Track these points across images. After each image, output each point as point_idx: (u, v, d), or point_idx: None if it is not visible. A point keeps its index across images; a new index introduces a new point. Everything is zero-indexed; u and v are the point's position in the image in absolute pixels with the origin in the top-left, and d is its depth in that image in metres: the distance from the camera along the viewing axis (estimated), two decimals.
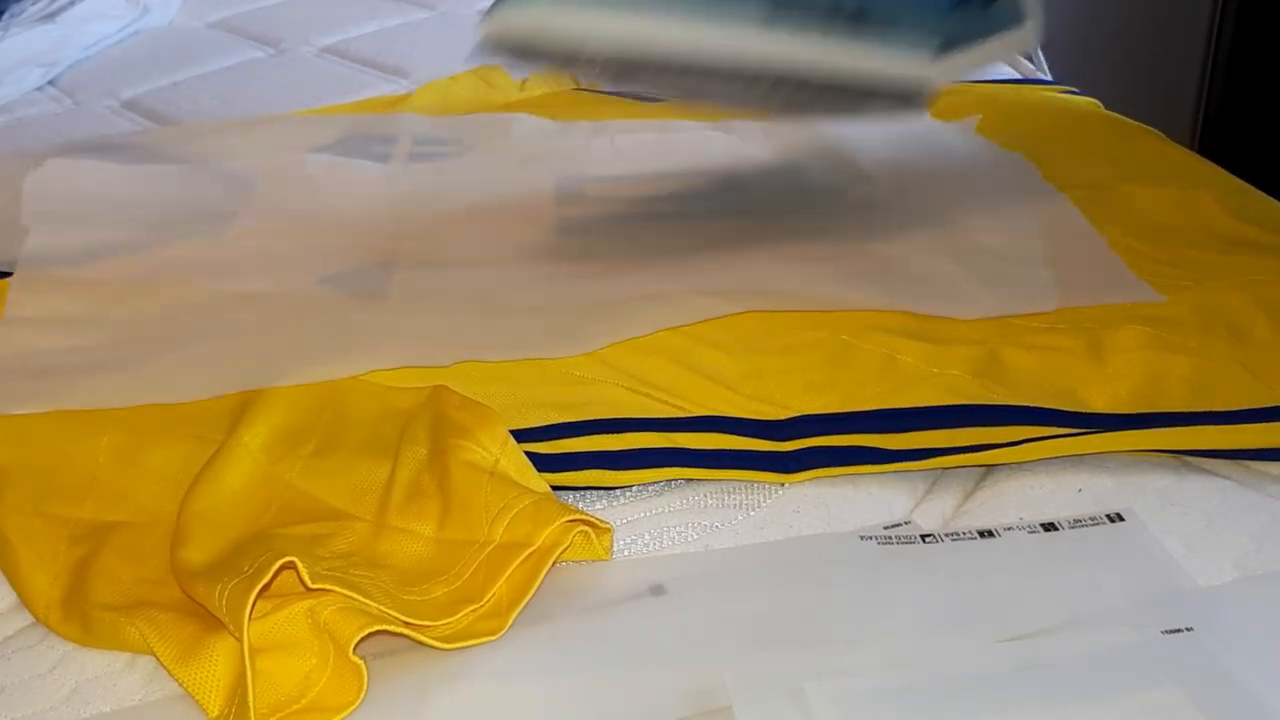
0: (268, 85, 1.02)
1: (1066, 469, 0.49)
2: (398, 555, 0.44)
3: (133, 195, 0.74)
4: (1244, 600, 0.42)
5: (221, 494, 0.46)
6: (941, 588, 0.43)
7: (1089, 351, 0.54)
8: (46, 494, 0.49)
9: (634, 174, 0.76)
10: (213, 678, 0.39)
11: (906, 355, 0.54)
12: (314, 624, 0.40)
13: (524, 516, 0.43)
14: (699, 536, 0.46)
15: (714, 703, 0.38)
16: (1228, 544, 0.44)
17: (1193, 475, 0.48)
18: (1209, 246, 0.62)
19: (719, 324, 0.58)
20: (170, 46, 1.16)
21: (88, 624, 0.42)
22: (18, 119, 0.98)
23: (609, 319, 0.58)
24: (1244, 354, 0.53)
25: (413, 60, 1.07)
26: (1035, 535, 0.45)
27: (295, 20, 1.21)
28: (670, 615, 0.42)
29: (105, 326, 0.61)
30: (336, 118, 0.88)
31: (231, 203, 0.74)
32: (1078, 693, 0.37)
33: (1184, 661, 0.38)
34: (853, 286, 0.59)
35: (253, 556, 0.40)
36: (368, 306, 0.62)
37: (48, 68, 1.08)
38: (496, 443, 0.47)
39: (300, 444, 0.50)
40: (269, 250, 0.69)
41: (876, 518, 0.47)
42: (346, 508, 0.47)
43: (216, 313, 0.62)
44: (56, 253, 0.68)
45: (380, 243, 0.69)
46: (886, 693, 0.38)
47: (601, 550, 0.45)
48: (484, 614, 0.42)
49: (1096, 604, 0.42)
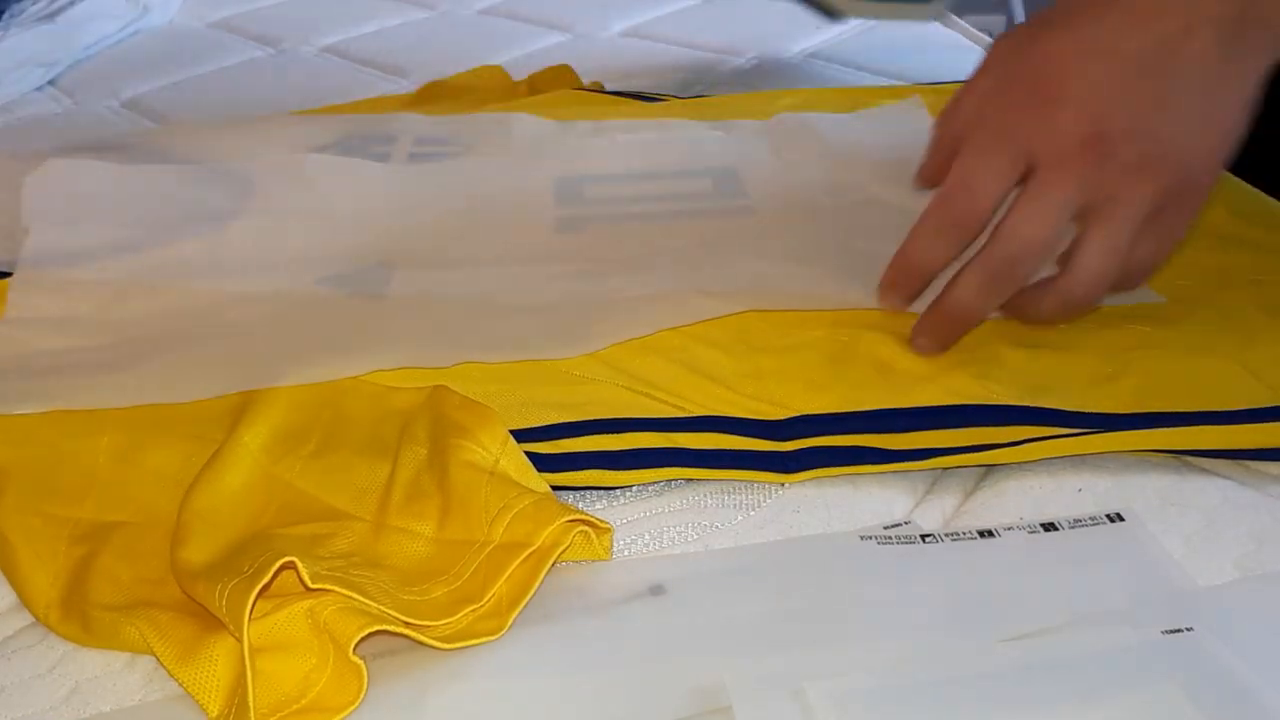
0: (268, 85, 1.03)
1: (1066, 469, 0.49)
2: (398, 555, 0.44)
3: (133, 195, 0.74)
4: (1244, 600, 0.42)
5: (221, 494, 0.46)
6: (941, 588, 0.43)
7: (1089, 351, 0.54)
8: (46, 494, 0.49)
9: (634, 174, 0.76)
10: (213, 678, 0.39)
11: (906, 356, 0.54)
12: (314, 624, 0.40)
13: (524, 516, 0.43)
14: (699, 536, 0.46)
15: (714, 703, 0.38)
16: (1228, 544, 0.44)
17: (1193, 475, 0.48)
18: (1209, 246, 0.62)
19: (719, 324, 0.58)
20: (170, 46, 1.16)
21: (87, 624, 0.42)
22: (18, 119, 0.98)
23: (609, 319, 0.58)
24: (1244, 354, 0.53)
25: (413, 60, 1.07)
26: (1035, 535, 0.45)
27: (295, 20, 1.21)
28: (670, 615, 0.42)
29: (105, 326, 0.61)
30: (336, 118, 0.88)
31: (231, 203, 0.74)
32: (1078, 693, 0.37)
33: (1184, 661, 0.38)
34: (853, 286, 0.59)
35: (253, 556, 0.40)
36: (368, 306, 0.62)
37: (48, 68, 1.07)
38: (496, 443, 0.47)
39: (300, 444, 0.50)
40: (269, 250, 0.68)
41: (876, 518, 0.47)
42: (346, 508, 0.47)
43: (216, 313, 0.62)
44: (56, 253, 0.68)
45: (380, 243, 0.69)
46: (886, 693, 0.38)
47: (601, 550, 0.45)
48: (484, 614, 0.42)
49: (1096, 604, 0.42)
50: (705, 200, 0.73)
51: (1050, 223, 0.49)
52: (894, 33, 1.11)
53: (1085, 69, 0.48)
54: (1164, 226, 0.50)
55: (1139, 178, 0.48)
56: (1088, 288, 0.51)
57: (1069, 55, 0.48)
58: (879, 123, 0.82)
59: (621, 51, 1.09)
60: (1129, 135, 0.47)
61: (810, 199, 0.72)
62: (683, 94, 0.93)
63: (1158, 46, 0.48)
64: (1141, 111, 0.47)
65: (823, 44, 1.09)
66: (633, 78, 0.98)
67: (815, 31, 1.11)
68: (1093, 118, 0.47)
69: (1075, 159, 0.48)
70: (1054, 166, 0.48)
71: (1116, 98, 0.47)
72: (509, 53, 1.08)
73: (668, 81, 0.98)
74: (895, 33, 1.11)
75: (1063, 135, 0.48)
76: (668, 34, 1.13)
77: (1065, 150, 0.48)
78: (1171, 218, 0.50)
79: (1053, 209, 0.49)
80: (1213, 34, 0.48)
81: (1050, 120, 0.48)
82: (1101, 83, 0.47)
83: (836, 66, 1.02)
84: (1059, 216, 0.49)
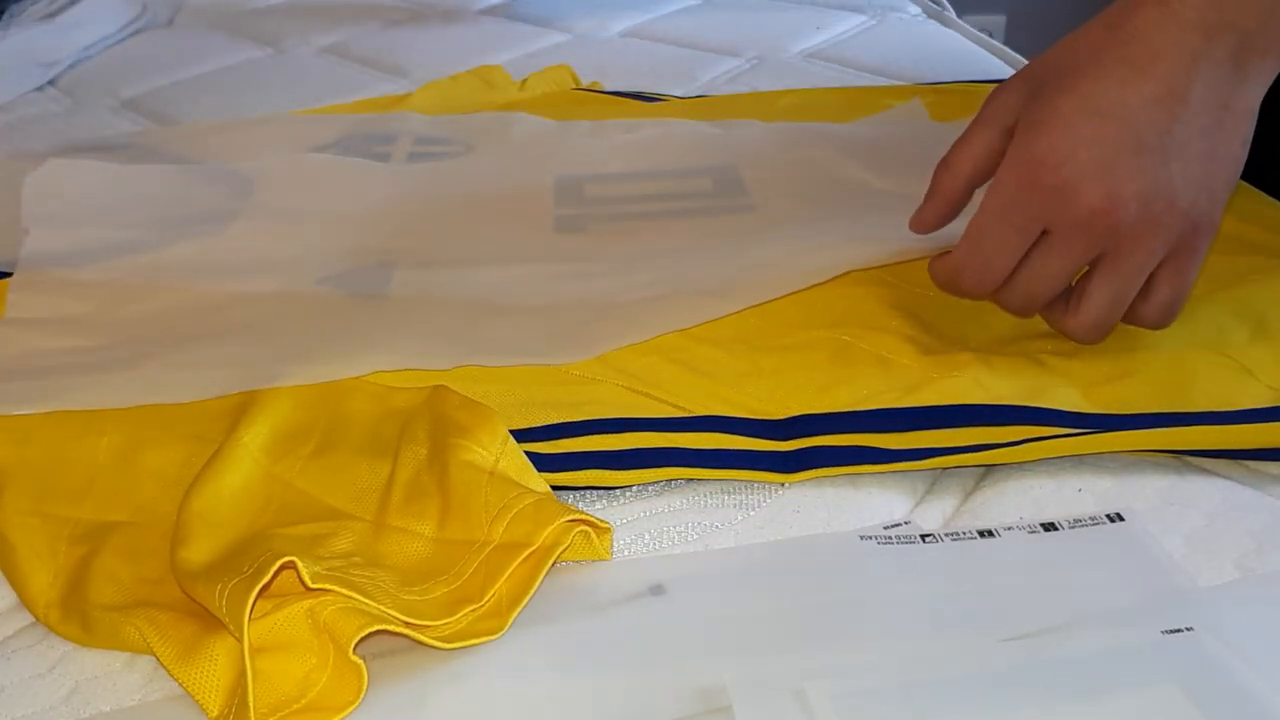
0: (268, 85, 1.02)
1: (1066, 469, 0.49)
2: (398, 555, 0.44)
3: (132, 195, 0.74)
4: (1244, 600, 0.42)
5: (221, 494, 0.46)
6: (941, 588, 0.43)
7: (1089, 352, 0.54)
8: (46, 494, 0.49)
9: (634, 173, 0.76)
10: (213, 678, 0.39)
11: (907, 356, 0.54)
12: (314, 624, 0.40)
13: (524, 516, 0.43)
14: (699, 536, 0.46)
15: (714, 703, 0.38)
16: (1228, 544, 0.44)
17: (1193, 475, 0.48)
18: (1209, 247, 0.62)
19: (719, 323, 0.58)
20: (170, 46, 1.16)
21: (87, 624, 0.42)
22: (18, 119, 0.98)
23: (609, 324, 0.58)
24: (1244, 354, 0.53)
25: (413, 60, 1.07)
26: (1035, 535, 0.45)
27: (295, 20, 1.21)
28: (670, 615, 0.42)
29: (105, 327, 0.61)
30: (336, 118, 0.88)
31: (231, 203, 0.74)
32: (1078, 693, 0.37)
33: (1184, 661, 0.38)
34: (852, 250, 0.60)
35: (253, 556, 0.40)
36: (368, 306, 0.62)
37: (48, 68, 1.08)
38: (496, 443, 0.47)
39: (300, 444, 0.50)
40: (269, 250, 0.69)
41: (876, 518, 0.47)
42: (346, 508, 0.47)
43: (216, 313, 0.62)
44: (56, 253, 0.68)
45: (380, 243, 0.69)
46: (887, 693, 0.38)
47: (601, 550, 0.45)
48: (484, 614, 0.42)
49: (1096, 604, 0.42)
50: (705, 199, 0.73)
51: (1059, 283, 0.52)
52: (894, 33, 1.11)
53: (1093, 135, 0.48)
54: (1177, 269, 0.51)
55: (1150, 234, 0.49)
56: (1089, 331, 0.52)
57: (1075, 117, 0.48)
58: (880, 124, 0.82)
59: (621, 51, 1.09)
60: (1139, 197, 0.48)
61: (811, 195, 0.72)
62: (683, 94, 0.93)
63: (1161, 98, 0.48)
64: (1150, 173, 0.48)
65: (823, 44, 1.09)
66: (633, 78, 0.98)
67: (815, 31, 1.11)
68: (1105, 190, 0.48)
69: (1087, 227, 0.49)
70: (1067, 236, 0.50)
71: (1125, 163, 0.48)
72: (509, 53, 1.08)
73: (668, 81, 0.98)
74: (895, 33, 1.11)
75: (1076, 208, 0.49)
76: (668, 34, 1.13)
77: (1078, 220, 0.49)
78: (1183, 260, 0.51)
79: (1063, 273, 0.51)
80: (1213, 73, 0.48)
81: (1062, 195, 0.48)
82: (1109, 148, 0.48)
83: (836, 67, 1.02)
84: (1068, 276, 0.51)
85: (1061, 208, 0.49)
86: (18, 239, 0.69)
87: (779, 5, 1.20)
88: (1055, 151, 0.48)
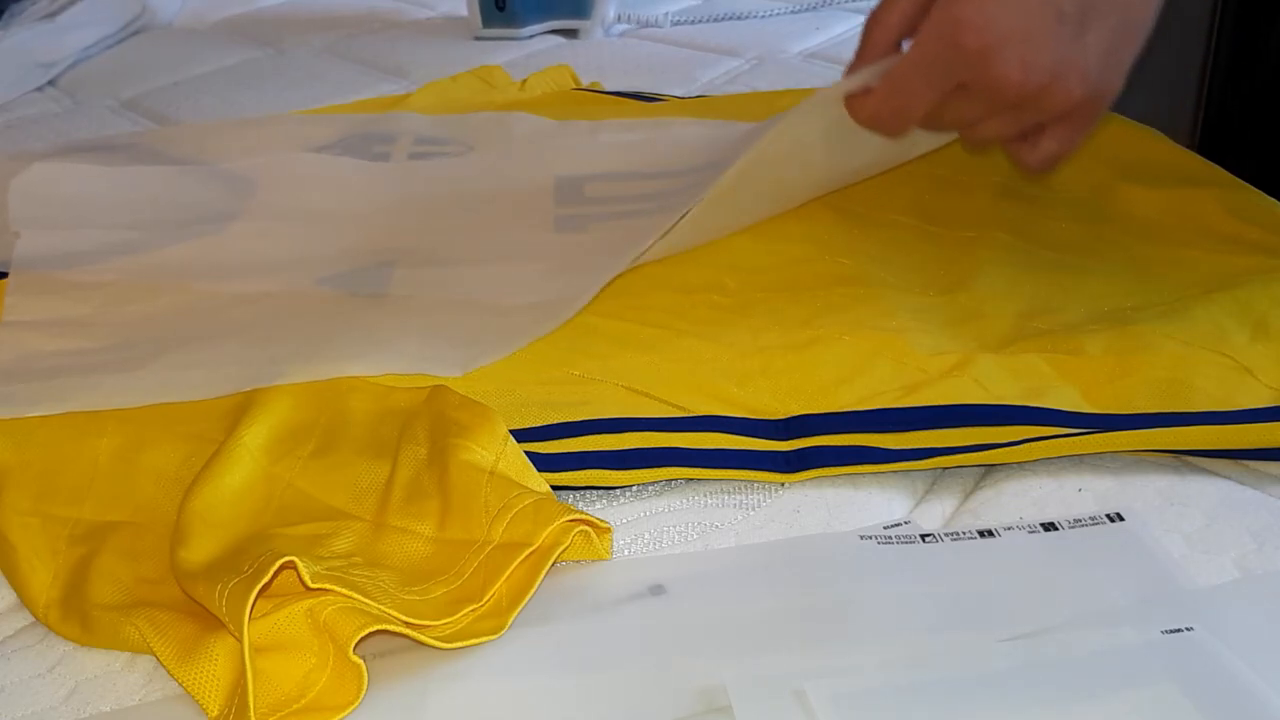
0: (268, 85, 1.03)
1: (1066, 469, 0.49)
2: (398, 555, 0.44)
3: (132, 195, 0.74)
4: (1244, 600, 0.42)
5: (221, 494, 0.46)
6: (941, 588, 0.43)
7: (1090, 352, 0.54)
8: (46, 494, 0.49)
9: (634, 173, 0.76)
10: (213, 678, 0.39)
11: (907, 355, 0.54)
12: (314, 624, 0.40)
13: (524, 516, 0.43)
14: (699, 536, 0.46)
15: (714, 703, 0.38)
16: (1228, 544, 0.44)
17: (1193, 475, 0.48)
18: (1209, 246, 0.62)
19: (719, 323, 0.58)
20: (170, 46, 1.16)
21: (87, 623, 0.42)
22: (18, 119, 0.98)
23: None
24: (1244, 354, 0.53)
25: (413, 60, 1.07)
26: (1035, 535, 0.45)
27: (295, 20, 1.21)
28: (670, 615, 0.42)
29: (105, 327, 0.61)
30: (336, 118, 0.88)
31: (231, 203, 0.74)
32: (1078, 693, 0.37)
33: (1184, 661, 0.38)
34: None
35: (252, 556, 0.40)
36: (368, 306, 0.62)
37: (48, 68, 1.08)
38: (496, 442, 0.47)
39: (300, 444, 0.50)
40: (269, 250, 0.68)
41: (876, 518, 0.47)
42: (346, 508, 0.47)
43: (216, 313, 0.62)
44: (54, 255, 0.68)
45: (380, 242, 0.69)
46: (886, 693, 0.38)
47: (601, 550, 0.45)
48: (484, 614, 0.42)
49: (1096, 604, 0.42)
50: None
51: (968, 125, 0.55)
52: None
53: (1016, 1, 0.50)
54: (1070, 129, 0.54)
55: (1055, 101, 0.52)
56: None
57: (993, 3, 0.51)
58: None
59: (621, 51, 1.09)
60: (1052, 68, 0.50)
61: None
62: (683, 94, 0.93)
63: None
64: (1066, 43, 0.50)
65: (823, 44, 1.09)
66: (633, 78, 0.98)
67: (815, 32, 1.11)
68: (1021, 58, 0.50)
69: (1000, 90, 0.51)
70: (980, 93, 0.52)
71: (1044, 33, 0.50)
72: (509, 53, 1.08)
73: (668, 81, 0.98)
74: None
75: (993, 73, 0.51)
76: (668, 34, 1.13)
77: (993, 83, 0.51)
78: (1078, 122, 0.54)
79: (974, 118, 0.54)
80: None
81: (981, 58, 0.50)
82: (1031, 17, 0.50)
83: (837, 67, 1.02)
84: (978, 122, 0.55)
85: (979, 70, 0.51)
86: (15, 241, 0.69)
87: (779, 5, 1.20)
88: (979, 15, 0.50)
